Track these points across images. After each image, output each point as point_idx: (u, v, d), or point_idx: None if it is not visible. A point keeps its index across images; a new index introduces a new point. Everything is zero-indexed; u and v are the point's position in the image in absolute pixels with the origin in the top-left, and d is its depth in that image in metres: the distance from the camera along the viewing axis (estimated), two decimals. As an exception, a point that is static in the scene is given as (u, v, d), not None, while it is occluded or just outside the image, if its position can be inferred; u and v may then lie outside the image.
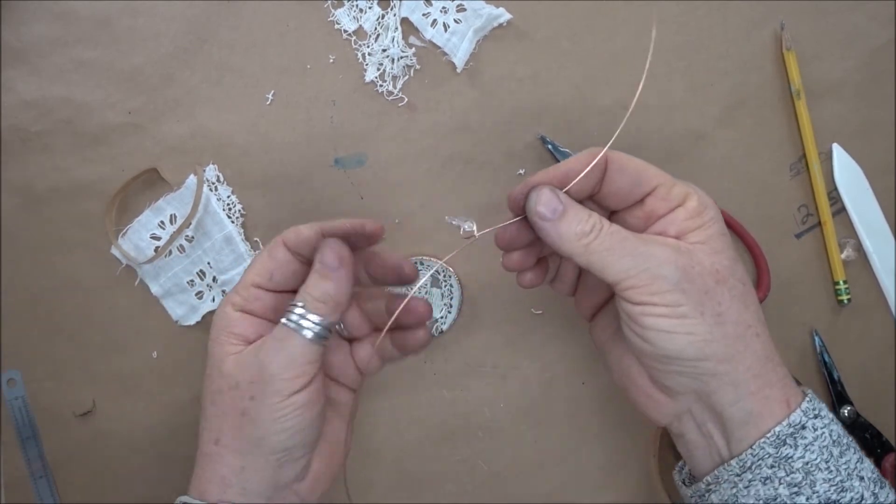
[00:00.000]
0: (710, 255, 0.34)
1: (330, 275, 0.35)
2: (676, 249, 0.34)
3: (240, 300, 0.37)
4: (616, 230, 0.34)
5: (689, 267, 0.33)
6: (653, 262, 0.33)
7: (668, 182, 0.35)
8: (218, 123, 0.46)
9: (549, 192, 0.34)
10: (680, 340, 0.33)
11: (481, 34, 0.46)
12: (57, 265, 0.47)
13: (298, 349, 0.34)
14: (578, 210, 0.34)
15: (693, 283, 0.33)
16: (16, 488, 0.47)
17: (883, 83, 0.47)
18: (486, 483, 0.48)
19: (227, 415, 0.35)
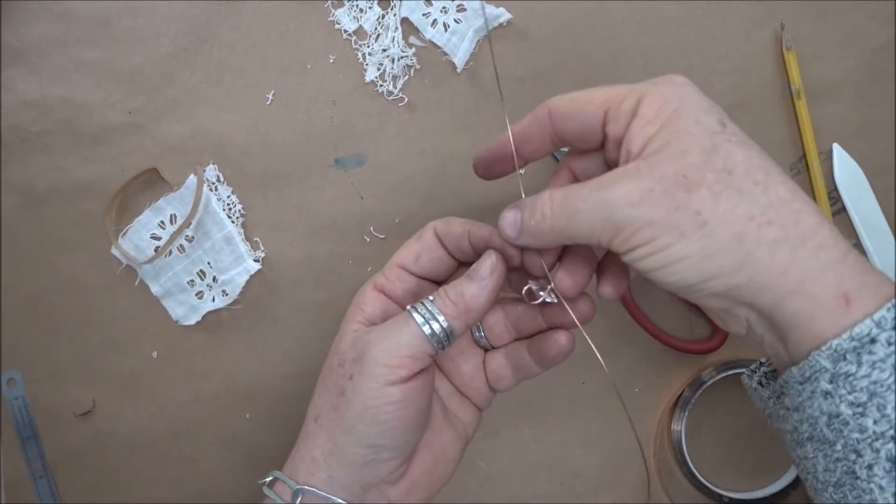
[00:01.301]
0: (674, 161, 0.28)
1: (475, 278, 0.33)
2: (632, 174, 0.29)
3: (382, 280, 0.36)
4: (563, 195, 0.31)
5: (648, 190, 0.28)
6: (607, 210, 0.29)
7: (615, 97, 0.30)
8: (218, 123, 0.46)
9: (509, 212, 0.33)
10: (677, 270, 0.29)
11: (481, 34, 0.46)
12: (57, 265, 0.47)
13: (408, 338, 0.32)
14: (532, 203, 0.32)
15: (658, 205, 0.28)
16: (16, 488, 0.47)
17: (883, 83, 0.47)
18: (486, 483, 0.48)
19: (329, 391, 0.34)
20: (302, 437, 0.35)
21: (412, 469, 0.35)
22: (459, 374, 0.38)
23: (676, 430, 0.47)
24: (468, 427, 0.38)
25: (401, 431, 0.33)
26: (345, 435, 0.33)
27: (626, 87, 0.31)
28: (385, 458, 0.33)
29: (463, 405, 0.39)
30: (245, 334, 0.47)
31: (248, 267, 0.46)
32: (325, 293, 0.47)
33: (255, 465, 0.48)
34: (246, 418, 0.48)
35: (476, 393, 0.39)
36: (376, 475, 0.34)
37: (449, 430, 0.37)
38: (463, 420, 0.38)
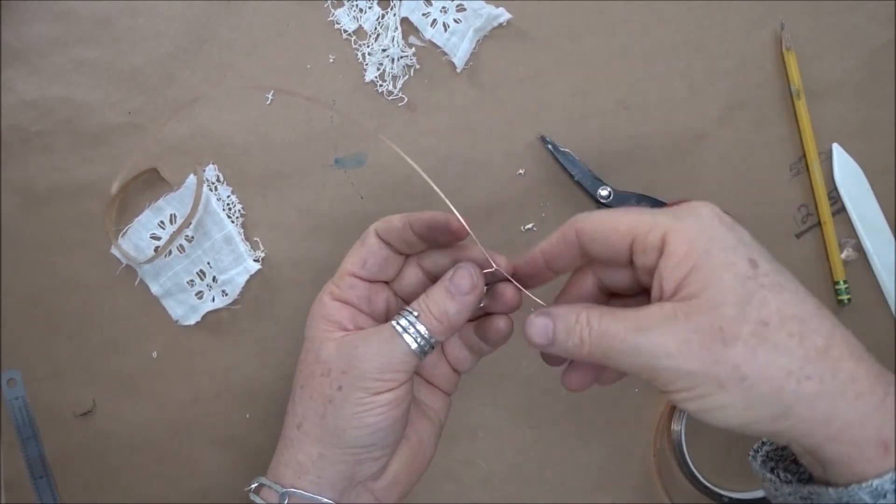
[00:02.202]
0: (709, 312, 0.28)
1: (457, 297, 0.34)
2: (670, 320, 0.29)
3: (336, 290, 0.37)
4: (604, 331, 0.31)
5: (684, 344, 0.28)
6: (646, 357, 0.29)
7: (642, 229, 0.30)
8: (218, 123, 0.46)
9: (538, 318, 0.33)
10: (719, 416, 0.29)
11: (481, 34, 0.46)
12: (57, 265, 0.47)
13: (398, 356, 0.34)
14: (564, 322, 0.32)
15: (697, 360, 0.28)
16: (16, 488, 0.47)
17: (883, 83, 0.47)
18: (486, 483, 0.48)
19: (314, 399, 0.35)
20: (284, 443, 0.36)
21: (393, 462, 0.36)
22: (424, 365, 0.40)
23: (676, 430, 0.47)
24: (440, 413, 0.40)
25: (389, 431, 0.35)
26: (334, 438, 0.34)
27: (649, 216, 0.30)
28: (375, 455, 0.35)
29: (432, 393, 0.40)
30: (245, 334, 0.47)
31: (247, 267, 0.46)
32: (325, 293, 0.47)
33: (255, 465, 0.48)
34: (246, 418, 0.48)
35: (442, 379, 0.40)
36: (366, 472, 0.35)
37: (423, 420, 0.39)
38: (434, 407, 0.39)
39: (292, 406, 0.36)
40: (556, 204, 0.47)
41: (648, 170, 0.47)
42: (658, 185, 0.47)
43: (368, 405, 0.34)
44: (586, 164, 0.46)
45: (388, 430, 0.35)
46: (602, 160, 0.47)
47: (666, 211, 0.31)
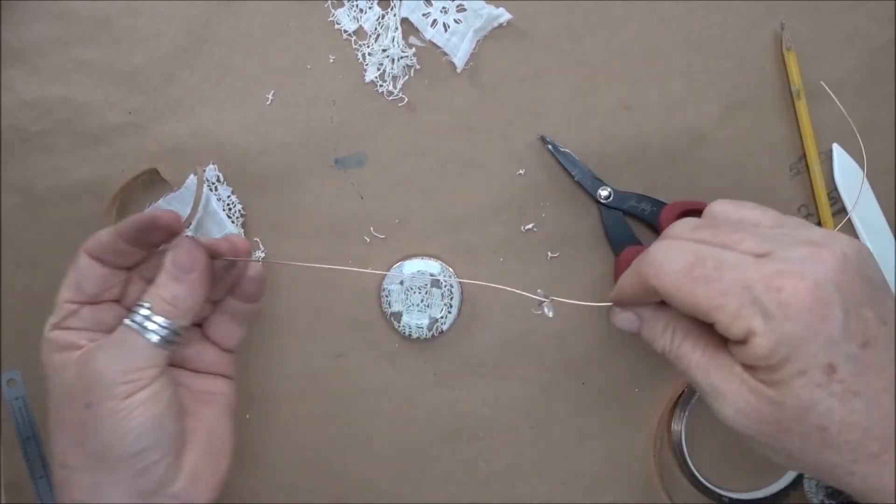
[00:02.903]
0: (771, 405, 0.29)
1: (182, 277, 0.33)
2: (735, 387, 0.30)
3: (56, 319, 0.35)
4: (682, 354, 0.32)
5: (742, 412, 0.30)
6: (710, 401, 0.31)
7: (724, 321, 0.29)
8: (218, 123, 0.46)
9: (624, 313, 0.35)
10: (761, 452, 0.32)
11: (481, 34, 0.46)
12: (57, 265, 0.47)
13: (140, 353, 0.32)
14: (652, 326, 0.34)
15: (752, 428, 0.30)
16: (16, 488, 0.47)
17: (883, 83, 0.47)
18: (486, 483, 0.48)
19: (67, 430, 0.32)
20: (56, 491, 0.34)
21: (187, 460, 0.35)
22: (187, 357, 0.38)
23: (676, 430, 0.47)
24: (225, 397, 0.38)
25: (156, 430, 0.33)
26: (102, 460, 0.32)
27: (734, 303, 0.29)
28: (154, 459, 0.33)
29: (208, 380, 0.38)
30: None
31: (248, 267, 0.46)
32: (325, 293, 0.47)
33: (255, 464, 0.48)
34: (246, 418, 0.48)
35: (212, 363, 0.39)
36: (154, 480, 0.33)
37: (207, 408, 0.37)
38: (215, 392, 0.38)
39: (53, 449, 0.33)
40: (556, 204, 0.47)
41: (648, 170, 0.47)
42: (658, 185, 0.47)
43: (123, 411, 0.32)
44: (586, 164, 0.46)
45: (155, 430, 0.32)
46: (602, 160, 0.47)
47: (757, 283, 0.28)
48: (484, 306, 0.47)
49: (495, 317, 0.47)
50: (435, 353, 0.48)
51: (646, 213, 0.46)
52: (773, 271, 0.28)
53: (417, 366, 0.48)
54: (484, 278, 0.47)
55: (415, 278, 0.46)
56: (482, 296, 0.47)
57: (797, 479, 0.47)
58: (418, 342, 0.47)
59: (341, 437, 0.48)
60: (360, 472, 0.48)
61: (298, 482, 0.48)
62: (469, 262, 0.47)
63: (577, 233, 0.47)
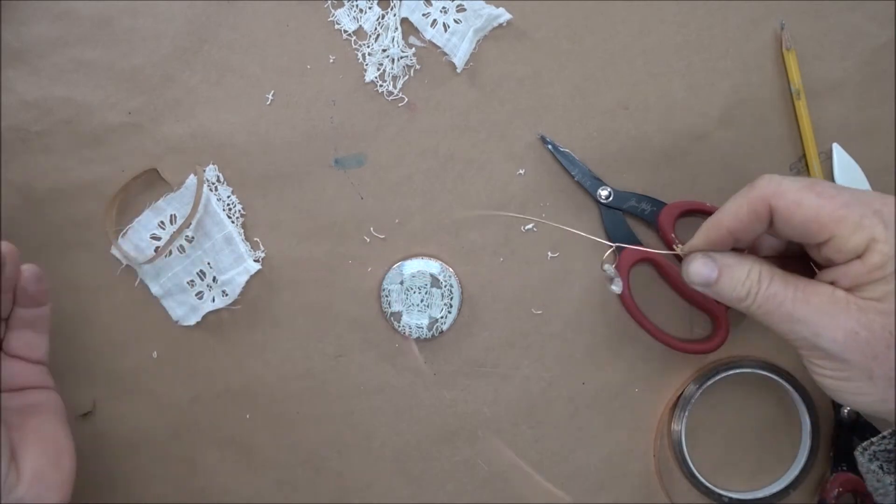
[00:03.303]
0: (884, 316, 0.30)
1: None
2: (840, 310, 0.30)
3: None
4: (773, 293, 0.32)
5: (851, 333, 0.30)
6: (809, 331, 0.31)
7: (844, 232, 0.30)
8: (218, 123, 0.46)
9: (700, 261, 0.34)
10: (849, 398, 0.32)
11: (481, 34, 0.46)
12: (57, 265, 0.47)
13: None
14: (734, 273, 0.33)
15: (859, 350, 0.30)
16: (16, 488, 0.47)
17: (883, 83, 0.47)
18: (486, 483, 0.48)
19: None
20: None
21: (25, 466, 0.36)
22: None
23: (676, 430, 0.47)
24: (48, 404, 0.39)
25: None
26: None
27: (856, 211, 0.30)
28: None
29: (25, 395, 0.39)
30: (245, 334, 0.47)
31: (248, 267, 0.46)
32: (325, 293, 0.47)
33: (254, 465, 0.48)
34: (246, 418, 0.48)
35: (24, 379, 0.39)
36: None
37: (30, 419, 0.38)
38: (36, 402, 0.39)
39: None
40: (556, 204, 0.47)
41: (648, 170, 0.47)
42: (658, 185, 0.47)
43: None
44: (586, 164, 0.47)
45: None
46: (602, 160, 0.47)
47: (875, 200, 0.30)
48: (484, 306, 0.47)
49: (495, 317, 0.47)
50: (435, 353, 0.48)
51: (646, 213, 0.46)
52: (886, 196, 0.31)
53: (417, 366, 0.48)
54: (484, 278, 0.47)
55: (415, 278, 0.46)
56: (482, 296, 0.47)
57: (797, 478, 0.47)
58: (418, 342, 0.47)
59: (341, 437, 0.48)
60: (360, 472, 0.48)
61: (298, 482, 0.48)
62: (469, 262, 0.47)
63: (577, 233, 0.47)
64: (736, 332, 0.47)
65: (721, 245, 0.35)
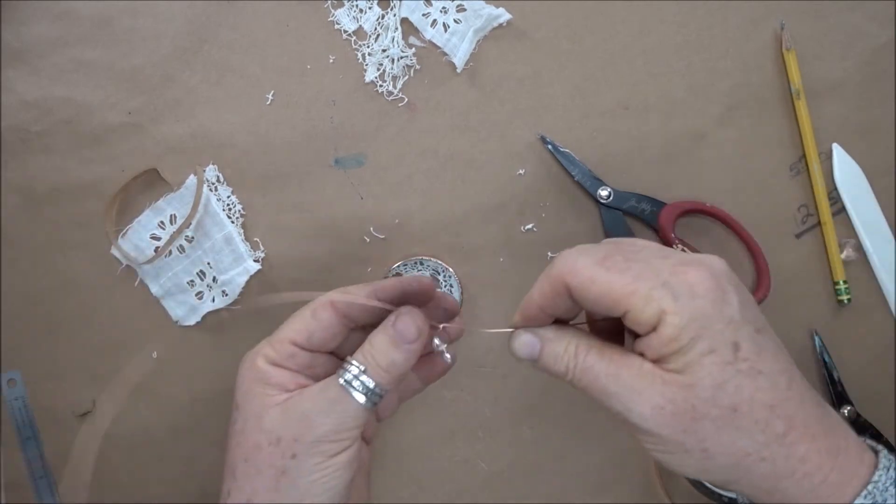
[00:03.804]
0: (685, 389, 0.30)
1: (402, 347, 0.34)
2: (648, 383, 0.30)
3: (274, 354, 0.35)
4: (588, 367, 0.32)
5: (659, 407, 0.30)
6: (622, 406, 0.31)
7: (637, 304, 0.30)
8: (218, 123, 0.46)
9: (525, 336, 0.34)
10: (679, 470, 0.32)
11: (481, 34, 0.46)
12: (57, 265, 0.47)
13: (351, 413, 0.33)
14: (553, 347, 0.33)
15: (667, 425, 0.30)
16: (16, 488, 0.47)
17: (883, 83, 0.47)
18: (486, 483, 0.48)
19: (263, 473, 0.33)
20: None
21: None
22: None
23: (676, 430, 0.47)
24: (367, 461, 0.39)
25: (346, 491, 0.34)
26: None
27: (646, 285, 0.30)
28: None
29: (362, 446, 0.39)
30: (245, 334, 0.47)
31: (247, 267, 0.46)
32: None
33: (255, 465, 0.48)
34: (246, 418, 0.48)
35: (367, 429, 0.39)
36: None
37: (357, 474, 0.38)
38: (363, 457, 0.39)
39: (234, 482, 0.34)
40: (556, 204, 0.47)
41: (648, 170, 0.47)
42: (658, 185, 0.47)
43: (327, 469, 0.33)
44: (586, 164, 0.47)
45: (346, 491, 0.34)
46: (602, 160, 0.47)
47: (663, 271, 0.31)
48: (484, 306, 0.47)
49: (495, 317, 0.47)
50: (435, 353, 0.48)
51: (646, 213, 0.46)
52: (676, 261, 0.31)
53: (417, 366, 0.48)
54: (484, 278, 0.47)
55: (415, 278, 0.46)
56: (482, 296, 0.47)
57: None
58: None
59: (341, 437, 0.48)
60: (360, 472, 0.48)
61: (298, 482, 0.48)
62: (469, 262, 0.47)
63: (577, 233, 0.47)
64: (736, 332, 0.47)
65: (539, 320, 0.34)
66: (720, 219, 0.47)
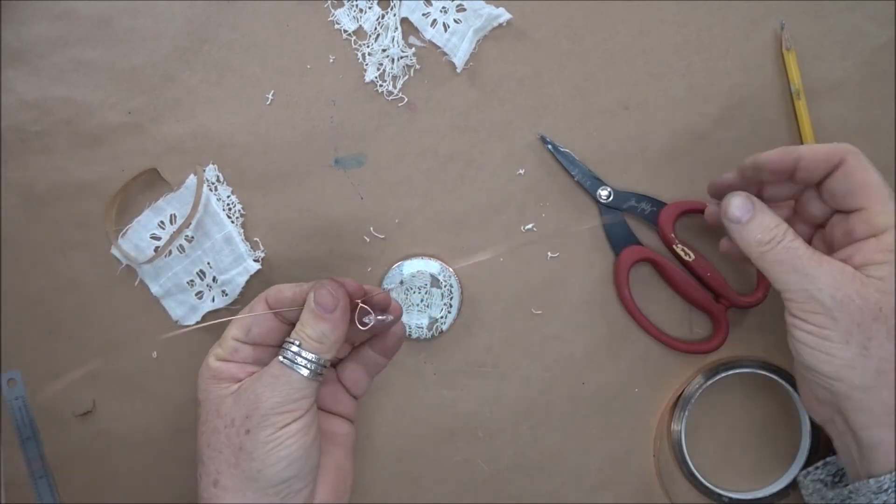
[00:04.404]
0: (880, 293, 0.35)
1: (325, 316, 0.36)
2: (846, 278, 0.35)
3: (221, 352, 0.38)
4: (793, 246, 0.36)
5: (848, 298, 0.34)
6: (812, 285, 0.35)
7: (876, 208, 0.36)
8: (218, 123, 0.46)
9: (744, 198, 0.38)
10: (819, 357, 0.35)
11: (481, 34, 0.46)
12: (57, 265, 0.47)
13: (294, 385, 0.35)
14: (765, 218, 0.37)
15: (847, 314, 0.34)
16: (16, 488, 0.47)
17: (883, 83, 0.47)
18: (486, 483, 0.48)
19: (223, 453, 0.36)
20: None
21: (319, 491, 0.38)
22: (324, 397, 0.41)
23: (676, 430, 0.47)
24: (348, 437, 0.42)
25: (304, 459, 0.36)
26: (254, 483, 0.35)
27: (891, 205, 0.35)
28: (298, 487, 0.36)
29: (336, 421, 0.42)
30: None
31: (247, 267, 0.46)
32: (325, 293, 0.47)
33: (255, 465, 0.48)
34: (246, 418, 0.48)
35: (342, 406, 0.42)
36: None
37: (335, 447, 0.40)
38: (341, 433, 0.41)
39: (203, 467, 0.37)
40: (556, 204, 0.47)
41: (648, 170, 0.47)
42: (658, 185, 0.47)
43: (279, 439, 0.35)
44: (586, 164, 0.47)
45: (304, 459, 0.36)
46: (602, 160, 0.47)
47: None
48: (484, 306, 0.47)
49: (495, 317, 0.47)
50: (435, 353, 0.48)
51: (646, 213, 0.46)
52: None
53: (417, 366, 0.48)
54: (484, 278, 0.47)
55: (415, 278, 0.46)
56: (482, 296, 0.47)
57: (797, 478, 0.47)
58: (418, 342, 0.47)
59: (341, 437, 0.48)
60: (360, 472, 0.48)
61: (298, 482, 0.48)
62: (469, 262, 0.47)
63: (577, 233, 0.47)
64: (736, 332, 0.47)
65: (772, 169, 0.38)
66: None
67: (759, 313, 0.48)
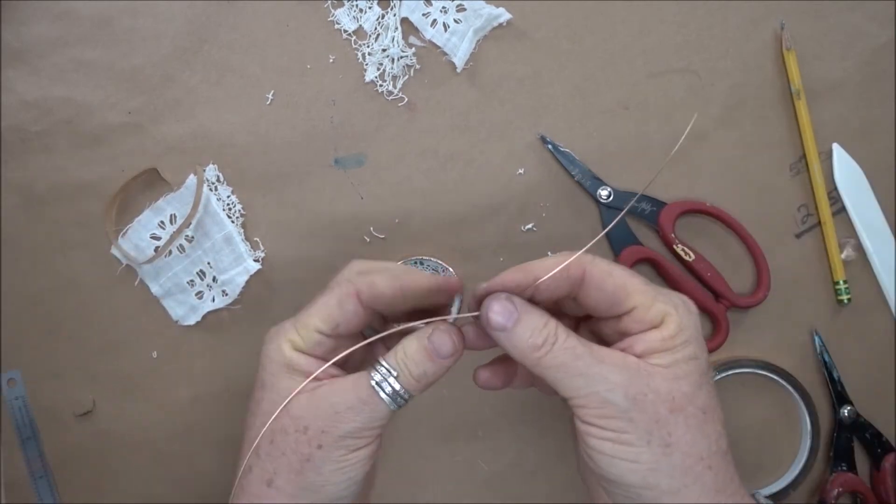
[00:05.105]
0: (670, 381, 0.32)
1: (437, 360, 0.34)
2: (632, 372, 0.32)
3: (300, 342, 0.35)
4: (570, 346, 0.32)
5: (641, 394, 0.32)
6: (603, 386, 0.32)
7: (646, 303, 0.33)
8: (218, 123, 0.46)
9: (503, 300, 0.34)
10: (622, 466, 0.32)
11: (481, 34, 0.46)
12: (57, 265, 0.47)
13: (378, 414, 0.34)
14: (532, 318, 0.33)
15: (643, 412, 0.31)
16: (16, 488, 0.47)
17: (883, 83, 0.47)
18: (486, 483, 0.48)
19: (287, 456, 0.34)
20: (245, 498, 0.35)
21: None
22: None
23: (676, 430, 0.47)
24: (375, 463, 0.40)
25: (364, 482, 0.35)
26: (311, 494, 0.34)
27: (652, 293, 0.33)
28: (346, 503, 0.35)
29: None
30: (245, 334, 0.47)
31: (247, 267, 0.46)
32: (325, 293, 0.47)
33: (255, 465, 0.48)
34: (246, 418, 0.48)
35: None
36: None
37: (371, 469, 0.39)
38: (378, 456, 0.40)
39: (257, 460, 0.35)
40: (556, 204, 0.47)
41: (648, 170, 0.47)
42: (658, 185, 0.47)
43: (349, 461, 0.34)
44: (586, 164, 0.47)
45: (362, 483, 0.35)
46: (602, 160, 0.47)
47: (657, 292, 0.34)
48: (484, 306, 0.47)
49: (495, 317, 0.47)
50: (435, 353, 0.48)
51: (646, 213, 0.46)
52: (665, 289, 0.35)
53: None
54: (484, 278, 0.47)
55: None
56: (482, 296, 0.47)
57: (797, 478, 0.47)
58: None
59: (341, 437, 0.48)
60: (360, 472, 0.48)
61: (298, 482, 0.48)
62: (469, 262, 0.47)
63: (577, 233, 0.47)
64: (736, 332, 0.47)
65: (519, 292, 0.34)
66: (720, 219, 0.47)
67: (759, 313, 0.48)
